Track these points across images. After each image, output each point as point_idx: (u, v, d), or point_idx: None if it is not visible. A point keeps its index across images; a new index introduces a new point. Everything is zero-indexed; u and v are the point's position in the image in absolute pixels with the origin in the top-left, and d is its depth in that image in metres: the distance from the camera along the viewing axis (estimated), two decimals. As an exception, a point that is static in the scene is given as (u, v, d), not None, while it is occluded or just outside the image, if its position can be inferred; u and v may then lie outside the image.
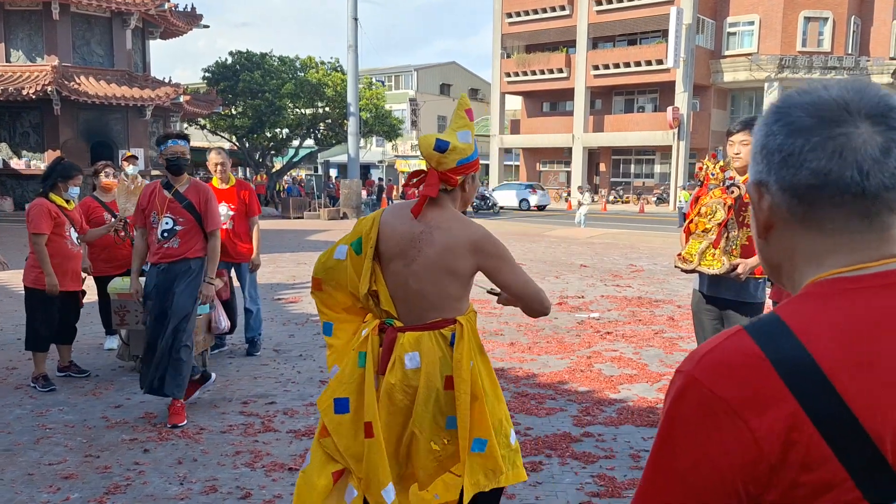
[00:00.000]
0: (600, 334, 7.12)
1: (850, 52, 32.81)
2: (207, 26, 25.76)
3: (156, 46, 40.59)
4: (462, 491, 2.60)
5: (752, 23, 33.34)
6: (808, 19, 32.47)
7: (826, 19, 32.36)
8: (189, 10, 24.25)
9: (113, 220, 5.95)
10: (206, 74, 29.71)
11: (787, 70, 32.06)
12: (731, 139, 3.90)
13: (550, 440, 4.24)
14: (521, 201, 32.25)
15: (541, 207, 32.26)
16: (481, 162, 2.71)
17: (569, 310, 8.43)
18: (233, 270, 6.28)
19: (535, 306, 2.53)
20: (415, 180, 2.58)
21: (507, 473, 2.53)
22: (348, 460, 2.50)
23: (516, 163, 43.00)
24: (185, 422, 4.51)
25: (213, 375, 5.03)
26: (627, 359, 6.17)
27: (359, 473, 2.48)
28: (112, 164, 6.56)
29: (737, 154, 3.87)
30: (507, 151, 41.46)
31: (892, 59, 33.10)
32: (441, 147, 2.45)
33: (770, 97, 32.69)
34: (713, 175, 3.80)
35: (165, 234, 4.51)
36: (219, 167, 6.09)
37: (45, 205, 5.15)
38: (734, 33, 34.05)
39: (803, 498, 0.76)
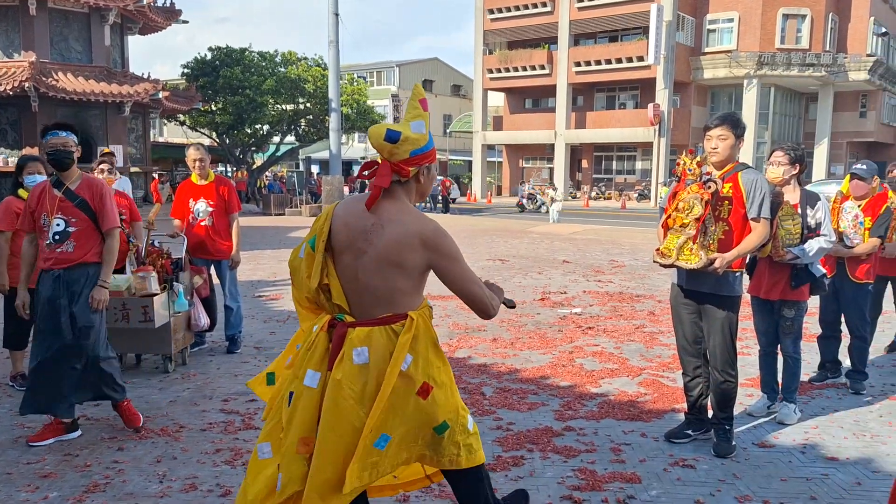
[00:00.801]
0: (582, 329, 7.16)
1: (827, 48, 33.16)
2: (186, 22, 25.51)
3: (134, 42, 40.23)
4: (432, 473, 2.72)
5: (731, 20, 33.59)
6: (786, 16, 32.77)
7: (804, 16, 32.68)
8: (168, 5, 24.01)
9: None
10: (186, 70, 29.45)
11: (765, 67, 32.34)
12: (709, 134, 3.94)
13: (532, 435, 4.27)
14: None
15: (452, 200, 32.17)
16: (464, 159, 2.72)
17: (551, 305, 8.47)
18: (212, 268, 6.25)
19: (482, 311, 2.55)
20: (367, 172, 2.54)
21: (464, 457, 2.56)
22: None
23: (499, 159, 43.06)
24: (143, 422, 4.35)
25: (79, 432, 4.28)
26: (609, 353, 6.21)
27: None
28: (108, 159, 6.47)
29: (714, 149, 3.90)
30: (489, 148, 41.50)
31: (868, 55, 33.50)
32: (392, 137, 2.41)
33: (749, 94, 32.99)
34: (690, 171, 3.83)
35: (58, 237, 4.08)
36: (197, 163, 6.05)
37: (8, 203, 5.05)
38: (714, 30, 34.29)
39: None
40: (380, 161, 2.50)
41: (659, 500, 3.46)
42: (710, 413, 4.18)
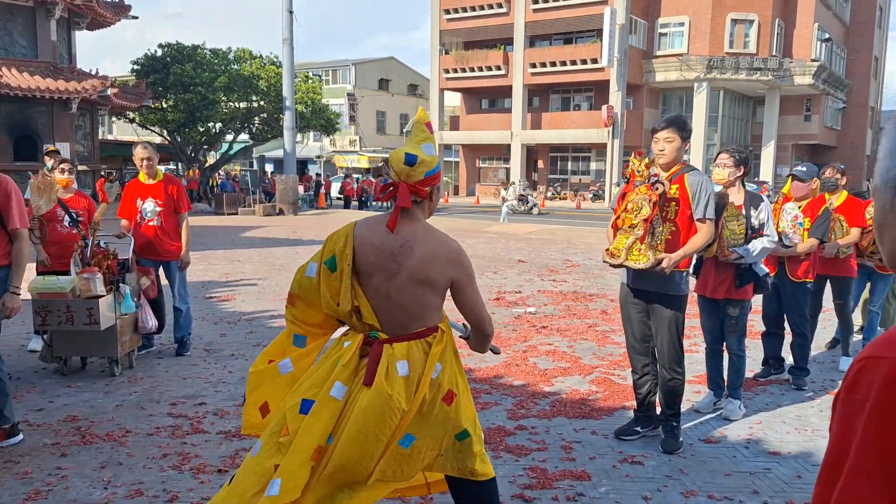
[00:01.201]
0: (536, 328, 7.22)
1: (774, 53, 34.06)
2: (136, 17, 24.99)
3: (82, 37, 39.17)
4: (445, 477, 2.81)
5: (682, 24, 34.25)
6: (734, 21, 33.56)
7: (752, 22, 33.51)
8: (117, 0, 23.46)
9: (67, 217, 5.85)
10: (136, 67, 28.78)
11: (715, 70, 33.06)
12: (656, 136, 4.01)
13: (485, 434, 4.26)
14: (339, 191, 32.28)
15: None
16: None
17: (506, 305, 8.52)
18: (161, 269, 6.13)
19: (483, 329, 2.70)
20: (383, 194, 2.70)
21: (479, 468, 2.69)
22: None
23: (456, 159, 43.16)
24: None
25: (21, 436, 4.11)
26: (562, 352, 6.28)
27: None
28: (67, 159, 6.36)
29: (661, 151, 3.98)
30: (446, 148, 41.57)
31: (813, 60, 34.51)
32: (410, 161, 2.55)
33: (699, 97, 33.71)
34: (639, 172, 3.90)
35: None
36: (145, 162, 5.93)
37: None
38: (665, 34, 34.92)
39: None
40: (397, 183, 2.60)
41: (608, 496, 3.51)
42: (659, 410, 4.26)
